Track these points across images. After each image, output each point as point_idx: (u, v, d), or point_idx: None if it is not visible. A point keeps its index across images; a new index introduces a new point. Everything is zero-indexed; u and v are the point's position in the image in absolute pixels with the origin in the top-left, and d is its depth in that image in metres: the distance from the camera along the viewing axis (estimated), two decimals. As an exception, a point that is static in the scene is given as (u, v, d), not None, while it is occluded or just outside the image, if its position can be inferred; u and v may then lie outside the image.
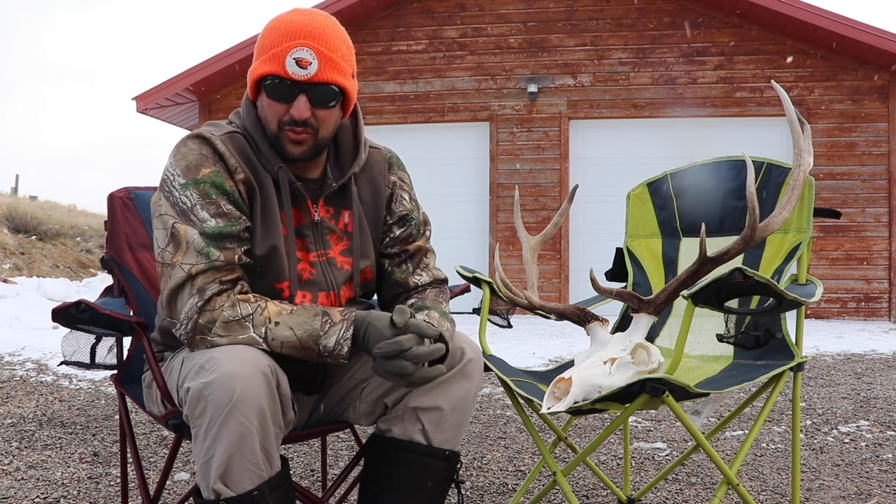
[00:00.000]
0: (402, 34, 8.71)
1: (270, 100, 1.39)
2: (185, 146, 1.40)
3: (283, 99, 1.38)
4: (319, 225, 1.50)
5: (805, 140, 1.60)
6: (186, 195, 1.36)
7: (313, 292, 1.48)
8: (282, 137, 1.41)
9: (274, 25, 1.40)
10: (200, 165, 1.38)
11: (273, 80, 1.37)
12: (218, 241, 1.35)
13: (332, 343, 1.33)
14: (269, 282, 1.43)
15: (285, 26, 1.38)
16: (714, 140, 8.06)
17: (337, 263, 1.51)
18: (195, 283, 1.33)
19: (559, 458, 2.74)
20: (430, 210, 1.73)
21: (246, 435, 1.24)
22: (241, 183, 1.40)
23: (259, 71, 1.38)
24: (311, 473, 2.58)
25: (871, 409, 3.58)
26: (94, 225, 13.58)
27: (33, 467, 2.60)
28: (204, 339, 1.33)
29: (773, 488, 2.42)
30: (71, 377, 4.31)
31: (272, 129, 1.41)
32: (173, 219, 1.36)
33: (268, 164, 1.44)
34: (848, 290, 8.08)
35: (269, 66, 1.36)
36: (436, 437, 1.45)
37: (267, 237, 1.41)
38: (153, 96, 8.86)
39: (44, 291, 8.08)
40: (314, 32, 1.37)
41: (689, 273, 1.56)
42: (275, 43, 1.37)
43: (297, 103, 1.37)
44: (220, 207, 1.36)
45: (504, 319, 2.01)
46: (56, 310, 1.49)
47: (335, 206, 1.52)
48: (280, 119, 1.40)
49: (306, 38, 1.36)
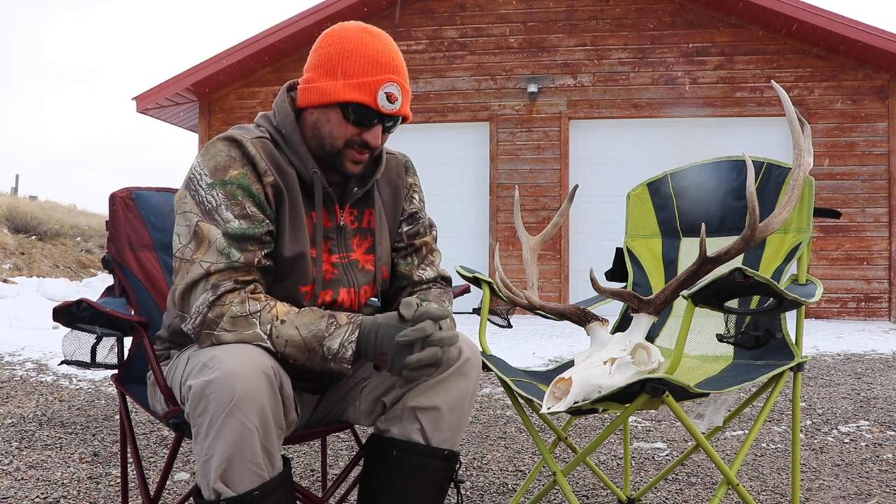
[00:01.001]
0: (402, 34, 8.71)
1: (348, 122, 1.42)
2: (215, 147, 1.41)
3: (361, 125, 1.42)
4: (343, 229, 1.53)
5: (805, 140, 1.60)
6: (213, 194, 1.38)
7: (335, 289, 1.49)
8: (344, 154, 1.45)
9: (357, 50, 1.41)
10: (228, 167, 1.39)
11: (361, 109, 1.41)
12: (240, 243, 1.36)
13: (336, 345, 1.33)
14: (295, 283, 1.44)
15: (373, 55, 1.41)
16: (714, 140, 8.06)
17: (359, 264, 1.54)
18: (210, 280, 1.34)
19: (559, 458, 2.74)
20: (431, 210, 1.73)
21: (246, 434, 1.24)
22: (270, 186, 1.41)
23: (348, 96, 1.40)
24: (311, 473, 2.58)
25: (871, 409, 3.59)
26: (94, 225, 13.58)
27: (33, 467, 2.60)
28: (210, 333, 1.34)
29: (773, 488, 2.42)
30: (71, 377, 4.31)
31: (336, 146, 1.44)
32: (197, 217, 1.37)
33: (302, 167, 1.46)
34: (848, 290, 8.08)
35: (361, 95, 1.39)
36: (434, 437, 1.45)
37: (295, 241, 1.43)
38: (153, 96, 8.86)
39: (44, 291, 8.08)
40: (398, 67, 1.44)
41: (689, 273, 1.56)
42: (364, 72, 1.40)
43: (374, 131, 1.43)
44: (244, 209, 1.38)
45: (504, 319, 2.01)
46: (57, 309, 1.49)
47: (359, 209, 1.57)
48: (348, 139, 1.43)
49: (394, 73, 1.42)
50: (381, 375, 1.53)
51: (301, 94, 1.46)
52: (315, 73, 1.44)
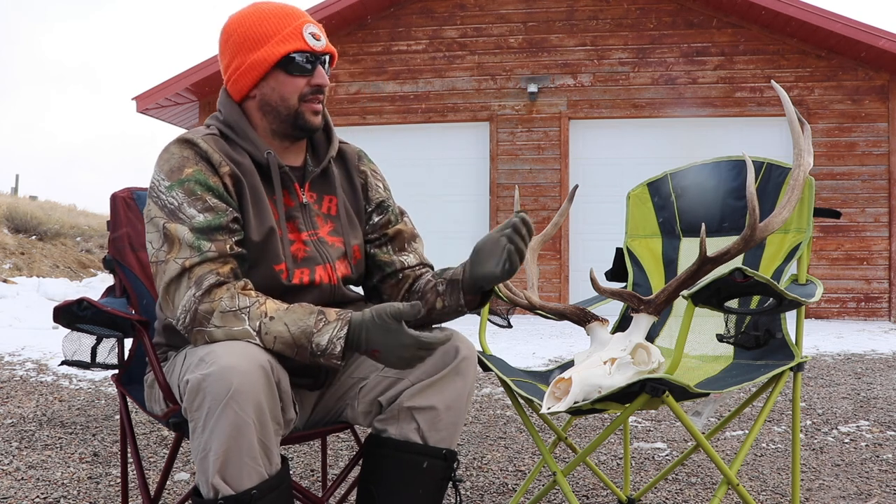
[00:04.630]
0: (402, 34, 8.70)
1: (292, 76, 1.47)
2: (167, 152, 1.45)
3: (305, 72, 1.47)
4: (307, 207, 1.55)
5: (805, 140, 1.60)
6: (173, 195, 1.41)
7: (310, 267, 1.50)
8: (302, 111, 1.49)
9: (263, 15, 1.48)
10: (183, 166, 1.42)
11: (296, 57, 1.46)
12: (208, 234, 1.38)
13: (325, 341, 1.32)
14: (269, 264, 1.45)
15: (278, 11, 1.48)
16: (714, 140, 8.05)
17: (328, 241, 1.55)
18: (192, 274, 1.36)
19: (559, 458, 2.74)
20: (431, 210, 1.73)
21: (242, 428, 1.24)
22: (228, 176, 1.44)
23: (280, 51, 1.45)
24: (311, 473, 2.58)
25: (871, 409, 3.59)
26: (94, 225, 13.58)
27: (33, 467, 2.60)
28: (202, 331, 1.34)
29: (773, 488, 2.42)
30: (71, 377, 4.31)
31: (293, 105, 1.48)
32: (163, 219, 1.40)
33: (256, 152, 1.49)
34: (848, 290, 8.08)
35: (290, 44, 1.45)
36: (432, 437, 1.45)
37: (261, 223, 1.45)
38: (153, 96, 8.86)
39: (44, 291, 8.08)
40: (302, 12, 1.51)
41: (689, 273, 1.56)
42: (281, 25, 1.46)
43: (318, 72, 1.48)
44: (206, 202, 1.40)
45: (504, 319, 2.01)
46: (58, 308, 1.49)
47: (318, 193, 1.58)
48: (300, 94, 1.48)
49: (305, 17, 1.49)
50: (379, 375, 1.53)
51: (234, 84, 1.51)
52: (238, 58, 1.49)
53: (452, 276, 1.54)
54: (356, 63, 8.76)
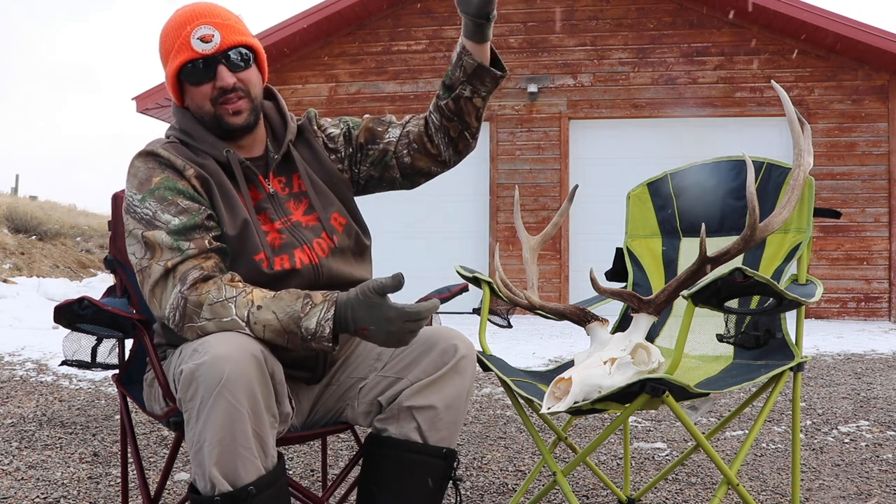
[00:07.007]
0: (402, 34, 8.70)
1: (194, 86, 1.48)
2: (133, 167, 1.48)
3: (204, 78, 1.47)
4: (275, 197, 1.55)
5: (805, 140, 1.60)
6: (146, 206, 1.43)
7: (289, 253, 1.50)
8: (221, 114, 1.49)
9: (168, 27, 1.50)
10: (150, 177, 1.45)
11: (188, 66, 1.46)
12: (185, 234, 1.40)
13: (313, 324, 1.32)
14: (248, 256, 1.46)
15: (174, 21, 1.48)
16: (714, 140, 8.05)
17: (302, 224, 1.55)
18: (176, 273, 1.38)
19: (559, 458, 2.74)
20: (430, 210, 1.72)
21: (235, 416, 1.24)
22: (195, 178, 1.46)
23: (173, 66, 1.47)
24: (311, 473, 2.58)
25: (871, 409, 3.59)
26: (94, 225, 13.57)
27: (33, 467, 2.60)
28: (193, 326, 1.35)
29: (773, 488, 2.42)
30: (71, 377, 4.31)
31: (209, 111, 1.49)
32: (141, 229, 1.42)
33: (216, 152, 1.50)
34: (848, 290, 8.08)
35: (179, 56, 1.46)
36: (431, 436, 1.46)
37: (234, 216, 1.47)
38: (153, 96, 8.86)
39: (44, 291, 8.08)
40: (202, 12, 1.47)
41: (689, 273, 1.56)
42: (174, 37, 1.47)
43: (219, 74, 1.46)
44: (178, 206, 1.42)
45: (504, 319, 2.01)
46: (59, 307, 1.49)
47: (286, 175, 1.59)
48: (211, 98, 1.47)
49: (200, 18, 1.46)
50: (379, 375, 1.53)
51: (173, 96, 1.54)
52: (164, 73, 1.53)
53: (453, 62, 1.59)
54: (356, 63, 8.76)
